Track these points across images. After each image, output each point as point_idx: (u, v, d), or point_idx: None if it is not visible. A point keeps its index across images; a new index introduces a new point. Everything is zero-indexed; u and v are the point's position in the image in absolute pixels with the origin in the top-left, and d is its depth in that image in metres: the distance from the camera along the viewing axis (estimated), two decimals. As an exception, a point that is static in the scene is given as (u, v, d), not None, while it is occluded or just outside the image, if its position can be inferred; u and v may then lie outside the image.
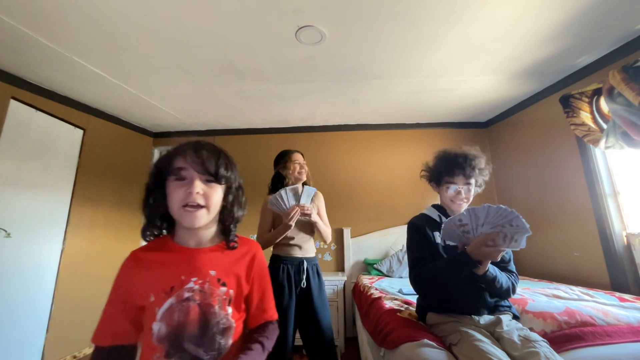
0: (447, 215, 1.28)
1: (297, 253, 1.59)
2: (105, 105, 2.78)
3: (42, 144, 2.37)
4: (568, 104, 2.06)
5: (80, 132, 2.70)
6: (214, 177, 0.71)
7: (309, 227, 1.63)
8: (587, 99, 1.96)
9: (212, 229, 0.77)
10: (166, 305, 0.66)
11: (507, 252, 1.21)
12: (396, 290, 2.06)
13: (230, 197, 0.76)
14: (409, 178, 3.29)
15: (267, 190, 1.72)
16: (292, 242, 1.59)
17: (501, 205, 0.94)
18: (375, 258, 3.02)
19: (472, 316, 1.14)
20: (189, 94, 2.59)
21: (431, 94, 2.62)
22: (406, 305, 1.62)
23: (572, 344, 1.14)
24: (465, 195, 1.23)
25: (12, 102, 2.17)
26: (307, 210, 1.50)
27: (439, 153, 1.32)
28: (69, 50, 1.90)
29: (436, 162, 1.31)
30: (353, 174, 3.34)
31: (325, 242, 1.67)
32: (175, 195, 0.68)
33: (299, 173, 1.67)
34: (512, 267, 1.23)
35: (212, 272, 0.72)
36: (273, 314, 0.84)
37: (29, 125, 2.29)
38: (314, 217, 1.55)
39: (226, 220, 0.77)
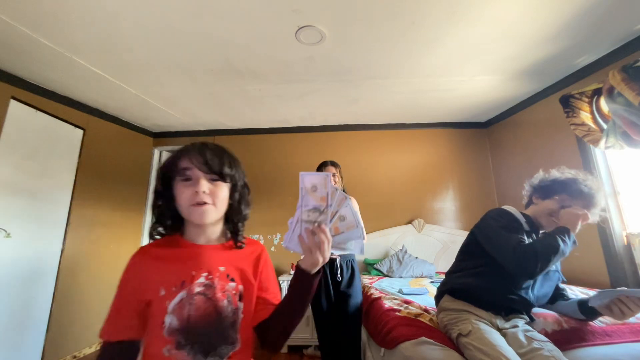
0: (533, 225, 1.27)
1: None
2: (105, 105, 2.78)
3: (42, 144, 2.37)
4: (568, 104, 2.05)
5: (80, 132, 2.70)
6: (218, 176, 0.73)
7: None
8: (587, 99, 1.96)
9: (220, 227, 0.80)
10: (177, 299, 0.68)
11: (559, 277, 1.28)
12: (396, 290, 2.06)
13: (237, 196, 0.78)
14: (409, 178, 3.29)
15: None
16: None
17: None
18: (375, 258, 3.02)
19: (491, 313, 1.15)
20: (189, 94, 2.58)
21: (431, 94, 2.62)
22: (406, 305, 1.62)
23: (573, 344, 1.14)
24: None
25: (12, 102, 2.17)
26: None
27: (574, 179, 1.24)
28: (69, 50, 1.90)
29: (566, 182, 1.25)
30: (353, 174, 3.33)
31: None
32: (183, 195, 0.71)
33: None
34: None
35: (222, 268, 0.74)
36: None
37: (29, 125, 2.29)
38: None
39: (234, 217, 0.79)
